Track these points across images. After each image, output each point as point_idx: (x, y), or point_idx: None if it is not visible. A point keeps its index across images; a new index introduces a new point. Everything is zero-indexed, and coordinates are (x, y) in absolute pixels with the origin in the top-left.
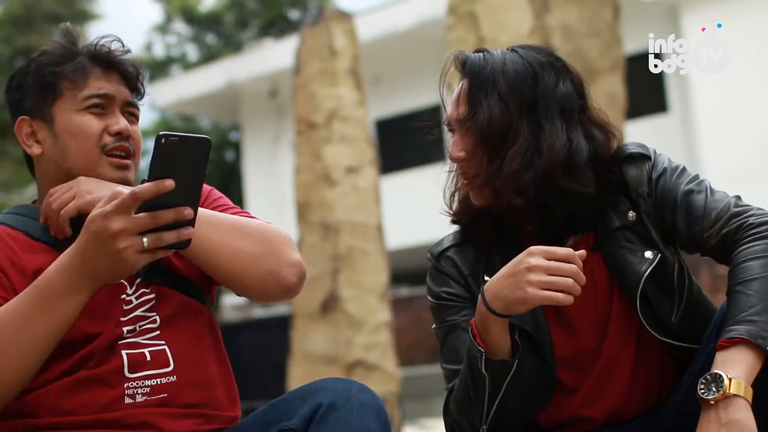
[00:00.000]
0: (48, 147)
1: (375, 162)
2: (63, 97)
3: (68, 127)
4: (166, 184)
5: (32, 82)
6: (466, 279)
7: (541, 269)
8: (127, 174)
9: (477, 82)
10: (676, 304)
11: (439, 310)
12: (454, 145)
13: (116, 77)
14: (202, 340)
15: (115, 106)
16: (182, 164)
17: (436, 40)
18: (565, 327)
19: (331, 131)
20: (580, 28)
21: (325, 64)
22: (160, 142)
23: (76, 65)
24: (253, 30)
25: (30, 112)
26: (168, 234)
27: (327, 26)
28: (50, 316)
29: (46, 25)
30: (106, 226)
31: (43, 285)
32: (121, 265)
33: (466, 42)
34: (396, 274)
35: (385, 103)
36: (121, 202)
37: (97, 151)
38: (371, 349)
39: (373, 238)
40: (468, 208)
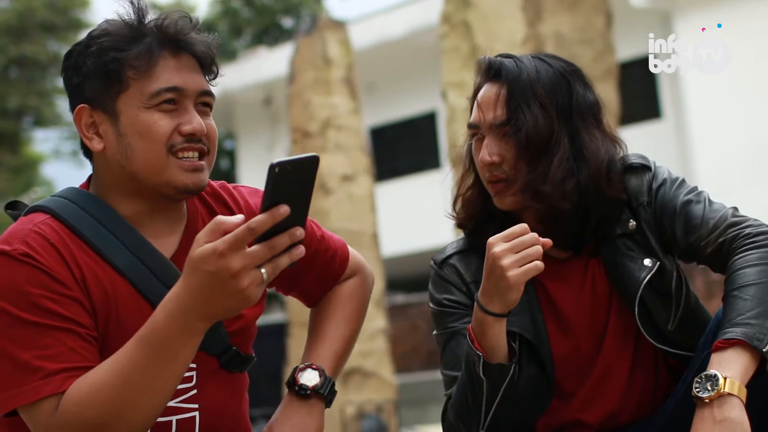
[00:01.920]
0: (111, 144)
1: (370, 170)
2: (129, 90)
3: (134, 125)
4: (281, 212)
5: (93, 68)
6: (468, 286)
7: (508, 251)
8: (202, 176)
9: (516, 88)
10: (673, 311)
11: (441, 317)
12: (486, 148)
13: (188, 62)
14: (239, 391)
15: (187, 101)
16: (293, 187)
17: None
18: (563, 332)
19: (326, 140)
20: (572, 36)
21: (320, 73)
22: (273, 171)
23: (141, 51)
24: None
25: (91, 101)
26: (282, 259)
27: (321, 35)
28: (172, 364)
29: (40, 34)
30: (225, 266)
31: (157, 335)
32: (242, 303)
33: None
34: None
35: (378, 110)
36: (236, 238)
37: (164, 153)
38: (368, 357)
39: (369, 246)
40: (475, 214)
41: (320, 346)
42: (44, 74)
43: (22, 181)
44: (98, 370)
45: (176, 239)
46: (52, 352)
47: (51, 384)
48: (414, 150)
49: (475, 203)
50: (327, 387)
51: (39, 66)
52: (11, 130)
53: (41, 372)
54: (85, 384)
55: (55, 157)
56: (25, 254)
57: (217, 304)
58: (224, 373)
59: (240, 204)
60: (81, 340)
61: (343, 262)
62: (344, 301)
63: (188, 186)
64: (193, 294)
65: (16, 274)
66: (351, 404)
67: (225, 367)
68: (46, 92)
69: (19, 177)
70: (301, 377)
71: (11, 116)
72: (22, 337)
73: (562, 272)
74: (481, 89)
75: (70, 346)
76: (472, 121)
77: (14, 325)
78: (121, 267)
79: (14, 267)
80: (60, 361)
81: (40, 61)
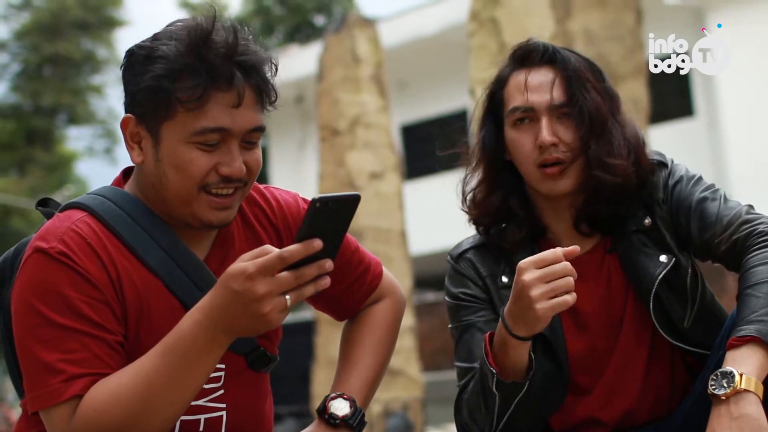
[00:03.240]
0: (148, 163)
1: (398, 168)
2: (175, 120)
3: (173, 157)
4: (314, 245)
5: (145, 87)
6: (484, 280)
7: (538, 280)
8: (228, 214)
9: (572, 73)
10: (689, 308)
11: (456, 311)
12: (546, 129)
13: (241, 95)
14: (264, 391)
15: (232, 140)
16: (330, 223)
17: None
18: (579, 328)
19: (355, 138)
20: (602, 33)
21: (349, 71)
22: (315, 206)
23: (193, 87)
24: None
25: (138, 115)
26: (308, 288)
27: (350, 33)
28: (195, 373)
29: (74, 32)
30: (250, 289)
31: (183, 343)
32: (263, 326)
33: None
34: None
35: (410, 108)
36: (266, 263)
37: (196, 189)
38: (395, 355)
39: (397, 244)
40: (490, 211)
41: (351, 374)
42: (78, 72)
43: (55, 178)
44: (120, 375)
45: (209, 243)
46: (76, 356)
47: (72, 388)
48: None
49: (489, 199)
50: (357, 418)
51: (72, 64)
52: (45, 128)
53: (63, 375)
54: (106, 389)
55: (88, 155)
56: (62, 253)
57: (239, 322)
58: (250, 373)
59: (273, 205)
60: (107, 347)
61: (376, 278)
62: (375, 326)
63: (213, 222)
64: (220, 308)
65: (52, 274)
66: (377, 402)
67: (252, 366)
68: (79, 90)
69: (52, 175)
70: (331, 406)
71: (45, 114)
72: (50, 338)
73: (579, 269)
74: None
75: (95, 353)
76: (524, 104)
77: (43, 325)
78: (154, 266)
79: (50, 266)
80: (84, 367)
81: (73, 60)
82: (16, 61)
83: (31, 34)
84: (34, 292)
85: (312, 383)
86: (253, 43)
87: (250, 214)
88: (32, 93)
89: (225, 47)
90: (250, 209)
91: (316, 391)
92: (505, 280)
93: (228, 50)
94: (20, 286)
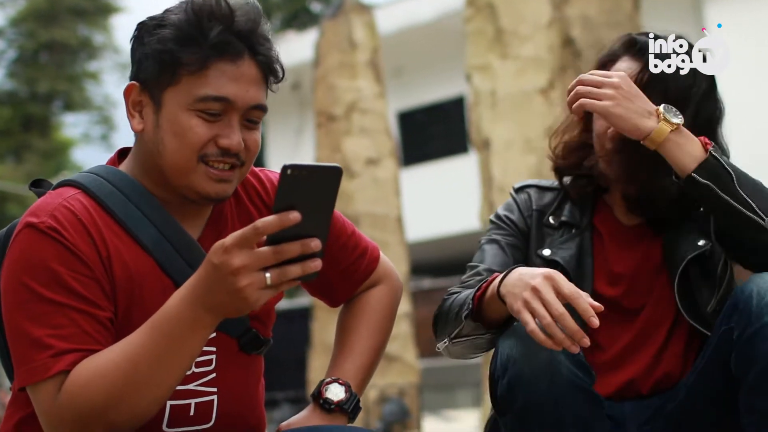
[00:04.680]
0: (148, 130)
1: (395, 154)
2: (178, 86)
3: (172, 123)
4: (290, 218)
5: (152, 52)
6: (531, 213)
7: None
8: (227, 187)
9: None
10: (715, 294)
11: (492, 228)
12: None
13: (248, 70)
14: (256, 376)
15: (233, 113)
16: (309, 195)
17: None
18: (609, 283)
19: (351, 123)
20: (599, 19)
21: (345, 57)
22: (285, 173)
23: (198, 52)
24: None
25: (143, 81)
26: (293, 268)
27: (347, 19)
28: (180, 353)
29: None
30: (226, 262)
31: (168, 321)
32: (241, 303)
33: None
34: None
35: (406, 94)
36: (242, 235)
37: (195, 158)
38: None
39: (393, 230)
40: (573, 164)
41: (347, 360)
42: (74, 59)
43: (52, 165)
44: (107, 352)
45: (202, 222)
46: (65, 332)
47: (59, 363)
48: (442, 134)
49: (577, 153)
50: (352, 403)
51: (69, 50)
52: (41, 115)
53: (51, 350)
54: (92, 365)
55: (84, 142)
56: (53, 228)
57: (218, 297)
58: (243, 357)
59: (267, 186)
60: (96, 323)
61: (372, 262)
62: (371, 311)
63: (210, 195)
64: (202, 283)
65: (42, 249)
66: (373, 388)
67: (244, 349)
68: (75, 77)
69: (49, 161)
70: (326, 391)
71: (41, 100)
72: (38, 313)
73: (624, 236)
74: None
75: (84, 329)
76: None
77: (32, 300)
78: (146, 243)
79: (40, 241)
80: (72, 342)
81: (69, 46)
82: (12, 48)
83: (27, 20)
84: (24, 266)
85: (308, 369)
86: (265, 25)
87: (244, 195)
88: (28, 79)
89: (236, 22)
90: (244, 190)
91: (312, 377)
92: (552, 221)
93: (239, 25)
94: (10, 261)
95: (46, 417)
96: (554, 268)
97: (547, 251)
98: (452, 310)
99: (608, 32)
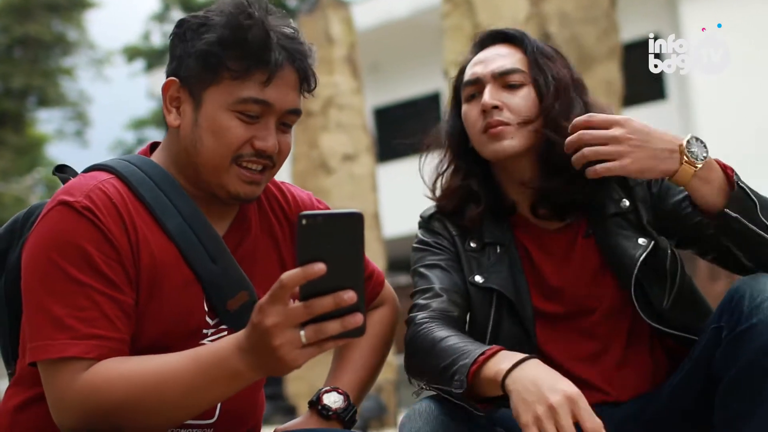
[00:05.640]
0: (186, 127)
1: (372, 149)
2: (220, 86)
3: (212, 122)
4: (315, 269)
5: (195, 51)
6: (453, 238)
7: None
8: (256, 189)
9: (531, 47)
10: (668, 289)
11: (423, 254)
12: (488, 93)
13: (287, 76)
14: None
15: (271, 116)
16: (333, 244)
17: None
18: (549, 298)
19: (328, 119)
20: (576, 15)
21: (322, 52)
22: (301, 223)
23: (243, 57)
24: None
25: (183, 78)
26: (331, 324)
27: (323, 14)
28: (209, 394)
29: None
30: (261, 321)
31: (212, 360)
32: (278, 363)
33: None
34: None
35: (383, 91)
36: (271, 293)
37: (229, 159)
38: None
39: (371, 226)
40: (453, 194)
41: (347, 372)
42: (48, 54)
43: (26, 161)
44: (142, 361)
45: (227, 223)
46: (87, 315)
47: (78, 347)
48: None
49: (453, 182)
50: (349, 412)
51: (43, 46)
52: (15, 110)
53: (71, 332)
54: (122, 366)
55: (59, 138)
56: (88, 209)
57: (257, 358)
58: None
59: (288, 199)
60: (118, 309)
61: (378, 285)
62: (373, 331)
63: (240, 195)
64: (246, 341)
65: (74, 227)
66: None
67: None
68: (50, 72)
69: (23, 157)
70: (325, 398)
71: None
72: (63, 292)
73: (547, 243)
74: (475, 57)
75: (106, 313)
76: (471, 77)
77: (59, 278)
78: (172, 232)
79: (74, 219)
80: (93, 327)
81: (44, 41)
82: None
83: (0, 15)
84: (54, 243)
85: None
86: (299, 33)
87: (266, 204)
88: (2, 75)
89: (276, 30)
90: (267, 200)
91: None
92: (473, 245)
93: (279, 33)
94: (38, 237)
95: (57, 397)
96: (490, 295)
97: (479, 278)
98: (435, 360)
99: (585, 27)
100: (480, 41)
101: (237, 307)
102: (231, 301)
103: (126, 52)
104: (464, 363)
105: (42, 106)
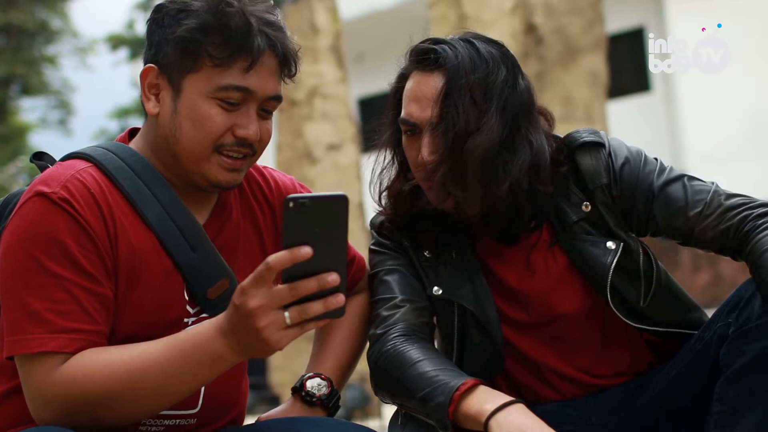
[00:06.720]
0: (165, 114)
1: (356, 139)
2: (199, 73)
3: (192, 110)
4: (301, 252)
5: (174, 37)
6: (406, 250)
7: None
8: (237, 176)
9: (454, 83)
10: (643, 289)
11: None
12: (427, 147)
13: (268, 62)
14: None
15: (252, 103)
16: (318, 227)
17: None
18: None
19: (312, 108)
20: (562, 6)
21: (307, 42)
22: (287, 206)
23: (223, 43)
24: None
25: (162, 65)
26: (314, 305)
27: (308, 3)
28: (190, 378)
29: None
30: (244, 303)
31: (192, 344)
32: (262, 344)
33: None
34: None
35: (368, 81)
36: (256, 275)
37: (210, 147)
38: None
39: (355, 216)
40: (404, 211)
41: (328, 358)
42: (31, 42)
43: (9, 149)
44: (121, 350)
45: (207, 211)
46: (65, 308)
47: (55, 341)
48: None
49: (404, 199)
50: (333, 399)
51: (26, 34)
52: None
53: (48, 326)
54: (101, 357)
55: (42, 126)
56: (65, 200)
57: (240, 338)
58: None
59: (270, 184)
60: (97, 302)
61: (360, 270)
62: (354, 316)
63: (221, 183)
64: (227, 323)
65: (51, 219)
66: None
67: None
68: (33, 60)
69: (6, 146)
70: (308, 384)
71: None
72: (40, 285)
73: (506, 254)
74: (411, 78)
75: (84, 306)
76: (408, 118)
77: (35, 271)
78: (151, 221)
79: (50, 211)
80: (71, 320)
81: (27, 30)
82: None
83: None
84: (31, 235)
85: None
86: (281, 20)
87: (248, 189)
88: None
89: (257, 15)
90: (248, 185)
91: (274, 364)
92: (428, 254)
93: (259, 19)
94: (14, 228)
95: (35, 392)
96: (452, 305)
97: (437, 289)
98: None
99: (571, 18)
100: (416, 58)
101: (218, 295)
102: (212, 290)
103: (110, 41)
104: (441, 402)
105: (25, 95)
